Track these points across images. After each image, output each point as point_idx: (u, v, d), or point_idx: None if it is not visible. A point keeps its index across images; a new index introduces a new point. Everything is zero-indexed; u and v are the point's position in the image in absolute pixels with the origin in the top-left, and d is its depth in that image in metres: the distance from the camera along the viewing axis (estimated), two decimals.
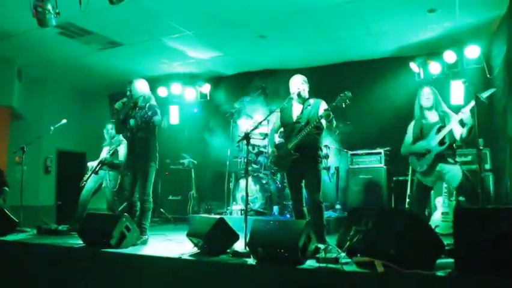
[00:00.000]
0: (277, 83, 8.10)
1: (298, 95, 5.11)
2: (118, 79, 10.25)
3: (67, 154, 10.87)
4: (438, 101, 4.96)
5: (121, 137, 6.80)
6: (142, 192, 5.44)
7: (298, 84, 5.15)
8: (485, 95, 4.77)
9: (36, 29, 5.98)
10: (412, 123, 5.10)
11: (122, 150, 6.72)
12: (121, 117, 5.65)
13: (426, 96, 4.95)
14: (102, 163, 6.66)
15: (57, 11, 5.30)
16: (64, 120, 7.23)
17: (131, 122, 5.55)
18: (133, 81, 5.76)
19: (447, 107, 5.04)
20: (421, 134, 4.93)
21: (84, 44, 8.01)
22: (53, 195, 10.65)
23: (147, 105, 5.60)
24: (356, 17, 6.84)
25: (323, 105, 5.01)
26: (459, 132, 4.66)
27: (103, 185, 6.75)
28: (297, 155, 4.96)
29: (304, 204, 5.11)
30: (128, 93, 5.69)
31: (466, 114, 4.59)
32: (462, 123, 4.67)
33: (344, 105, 4.72)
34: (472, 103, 4.61)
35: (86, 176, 6.74)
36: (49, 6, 5.23)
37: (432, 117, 4.95)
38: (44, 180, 10.49)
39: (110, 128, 6.92)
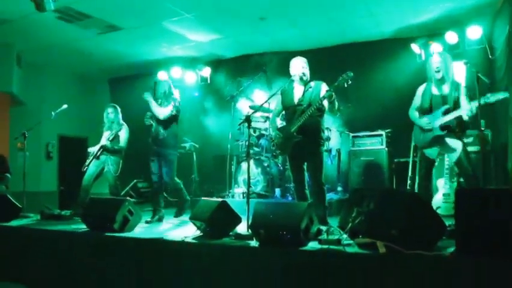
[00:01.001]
0: (278, 65, 8.07)
1: (300, 77, 5.08)
2: (118, 63, 10.23)
3: (68, 139, 10.88)
4: (449, 70, 4.76)
5: (121, 121, 6.84)
6: (169, 178, 6.22)
7: (299, 66, 5.12)
8: (493, 98, 4.49)
9: (34, 14, 5.95)
10: (422, 88, 4.93)
11: (123, 135, 6.73)
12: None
13: (436, 66, 4.74)
14: (103, 148, 6.66)
15: None
16: (65, 106, 7.21)
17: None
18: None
19: None
20: (430, 106, 4.82)
21: (83, 28, 7.97)
22: (55, 181, 10.69)
23: (171, 99, 6.29)
24: None
25: (324, 87, 4.99)
26: (465, 114, 4.58)
27: (104, 170, 6.76)
28: (300, 138, 4.95)
29: (306, 187, 5.13)
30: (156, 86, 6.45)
31: (471, 110, 4.51)
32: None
33: (345, 85, 4.67)
34: (481, 100, 4.47)
35: (88, 161, 6.74)
36: None
37: (443, 89, 4.78)
38: (46, 165, 10.53)
39: (110, 112, 6.90)
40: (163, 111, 6.17)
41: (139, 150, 6.92)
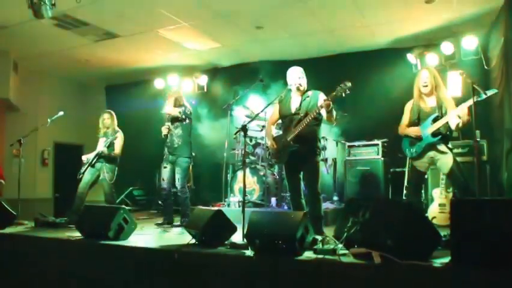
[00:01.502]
0: (275, 73, 8.07)
1: (297, 87, 5.09)
2: (115, 71, 10.24)
3: (64, 146, 10.85)
4: (437, 84, 4.82)
5: (116, 127, 6.85)
6: (181, 185, 6.43)
7: (295, 76, 5.12)
8: (486, 94, 4.61)
9: (32, 21, 5.95)
10: (410, 104, 4.98)
11: (119, 142, 6.74)
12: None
13: (424, 81, 4.82)
14: (99, 156, 6.65)
15: (53, 2, 5.27)
16: (61, 113, 7.19)
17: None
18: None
19: None
20: (418, 119, 4.87)
21: (80, 35, 7.98)
22: (50, 188, 10.64)
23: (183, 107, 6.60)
24: (352, 8, 6.82)
25: (322, 96, 4.99)
26: (455, 123, 4.62)
27: (100, 178, 6.74)
28: (296, 147, 4.96)
29: (302, 196, 5.12)
30: (173, 99, 6.57)
31: (463, 111, 4.55)
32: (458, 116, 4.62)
33: (343, 95, 4.66)
34: (471, 101, 4.53)
35: (83, 168, 6.72)
36: None
37: (430, 102, 4.84)
38: (42, 172, 10.49)
39: (106, 118, 6.89)
40: (169, 109, 6.52)
41: (135, 157, 6.92)
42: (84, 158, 6.88)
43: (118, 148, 6.74)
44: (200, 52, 9.09)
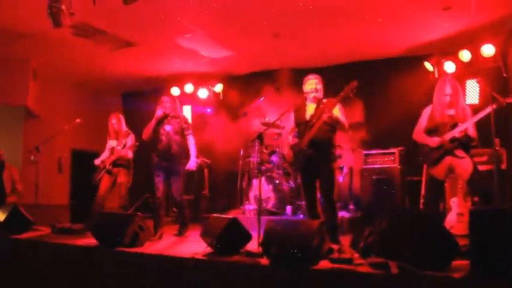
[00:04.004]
0: (291, 82, 8.07)
1: (313, 96, 5.08)
2: (131, 79, 10.32)
3: (81, 153, 10.91)
4: (458, 95, 4.81)
5: (126, 129, 6.97)
6: (179, 193, 6.25)
7: (313, 84, 5.12)
8: (505, 103, 4.54)
9: (51, 30, 6.03)
10: (429, 110, 4.95)
11: (131, 143, 6.80)
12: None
13: (447, 92, 4.81)
14: (116, 160, 6.67)
15: (71, 11, 5.35)
16: (78, 120, 7.27)
17: (167, 127, 6.35)
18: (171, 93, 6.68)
19: None
20: (435, 127, 4.83)
21: (98, 44, 8.06)
22: (67, 194, 10.72)
23: (180, 115, 6.59)
24: (369, 15, 6.79)
25: (336, 108, 4.99)
26: (473, 131, 4.57)
27: (118, 182, 6.75)
28: (310, 152, 4.93)
29: (317, 205, 5.08)
30: (167, 104, 6.41)
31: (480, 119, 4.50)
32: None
33: (351, 95, 4.71)
34: (489, 109, 4.48)
35: (99, 173, 6.75)
36: (63, 7, 5.29)
37: (450, 111, 4.82)
38: (58, 179, 10.57)
39: (114, 123, 6.96)
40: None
41: (150, 164, 6.93)
42: (97, 161, 6.91)
43: (131, 151, 6.79)
44: (216, 60, 9.12)
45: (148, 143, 6.49)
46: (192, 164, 6.38)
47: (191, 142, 6.41)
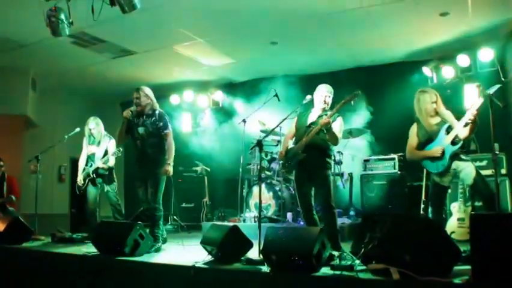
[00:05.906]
0: (289, 88, 8.08)
1: (323, 107, 5.07)
2: (131, 87, 10.27)
3: None
4: (439, 104, 4.83)
5: (105, 133, 6.82)
6: (152, 201, 5.50)
7: (325, 93, 5.10)
8: (491, 91, 4.55)
9: (49, 39, 6.04)
10: (415, 128, 4.95)
11: (111, 148, 6.64)
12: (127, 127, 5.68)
13: (432, 100, 4.81)
14: (97, 172, 6.58)
15: (70, 20, 5.37)
16: (78, 129, 7.28)
17: (140, 130, 5.62)
18: (141, 88, 5.79)
19: (457, 110, 4.92)
20: (429, 138, 4.82)
21: (97, 52, 8.09)
22: (67, 203, 10.71)
23: (156, 112, 5.68)
24: (367, 22, 6.82)
25: (339, 120, 5.00)
26: (463, 133, 4.57)
27: (105, 190, 6.67)
28: (304, 156, 4.91)
29: (314, 212, 5.05)
30: (135, 100, 5.69)
31: (471, 117, 4.49)
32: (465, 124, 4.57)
33: (352, 103, 4.75)
34: (476, 105, 4.48)
35: (81, 183, 6.64)
36: (62, 16, 5.30)
37: (435, 120, 4.83)
38: (59, 188, 10.57)
39: (92, 128, 6.74)
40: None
41: None
42: (79, 171, 6.77)
43: (112, 158, 6.60)
44: (215, 67, 9.14)
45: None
46: (166, 168, 5.48)
47: (167, 142, 5.58)
